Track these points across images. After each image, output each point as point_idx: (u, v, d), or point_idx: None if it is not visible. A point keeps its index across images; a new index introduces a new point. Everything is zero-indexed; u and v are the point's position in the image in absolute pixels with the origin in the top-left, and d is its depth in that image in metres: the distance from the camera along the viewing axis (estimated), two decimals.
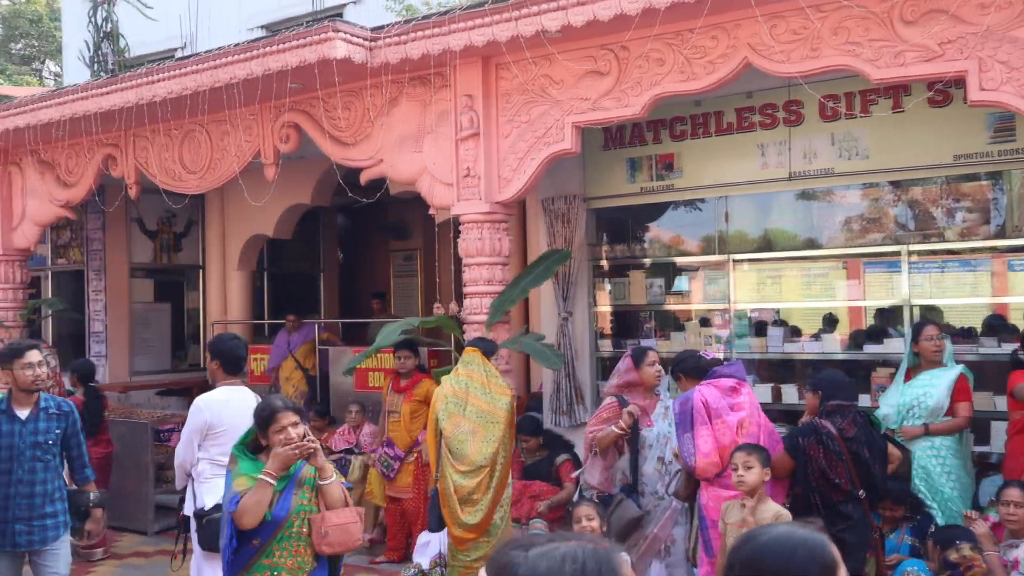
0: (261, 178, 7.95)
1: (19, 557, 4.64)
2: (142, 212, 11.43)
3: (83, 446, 4.93)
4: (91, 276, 11.41)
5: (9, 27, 29.41)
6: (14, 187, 9.87)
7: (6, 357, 4.69)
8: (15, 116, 8.69)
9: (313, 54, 6.55)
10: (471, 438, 5.46)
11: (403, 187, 7.96)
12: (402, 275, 13.78)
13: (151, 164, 8.56)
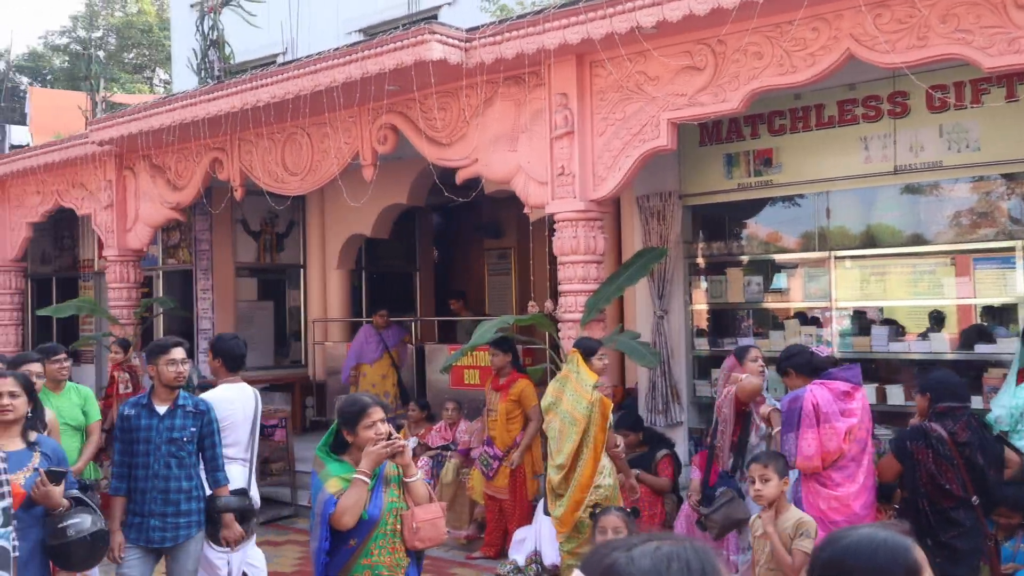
0: (359, 179, 8.12)
1: (153, 554, 4.71)
2: (246, 213, 11.82)
3: (217, 447, 4.86)
4: (199, 275, 11.85)
5: (122, 38, 30.81)
6: (128, 191, 10.33)
7: (152, 353, 4.81)
8: (129, 123, 9.09)
9: (410, 56, 6.66)
10: (559, 436, 5.66)
11: (498, 186, 8.02)
12: (496, 273, 13.87)
13: (255, 167, 8.83)
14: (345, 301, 12.05)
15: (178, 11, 15.54)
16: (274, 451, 8.80)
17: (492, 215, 13.20)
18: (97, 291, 12.80)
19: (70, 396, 5.99)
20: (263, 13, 11.77)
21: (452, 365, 7.97)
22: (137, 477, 4.64)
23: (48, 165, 10.96)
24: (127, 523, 4.67)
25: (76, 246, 13.68)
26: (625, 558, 1.37)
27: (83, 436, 5.99)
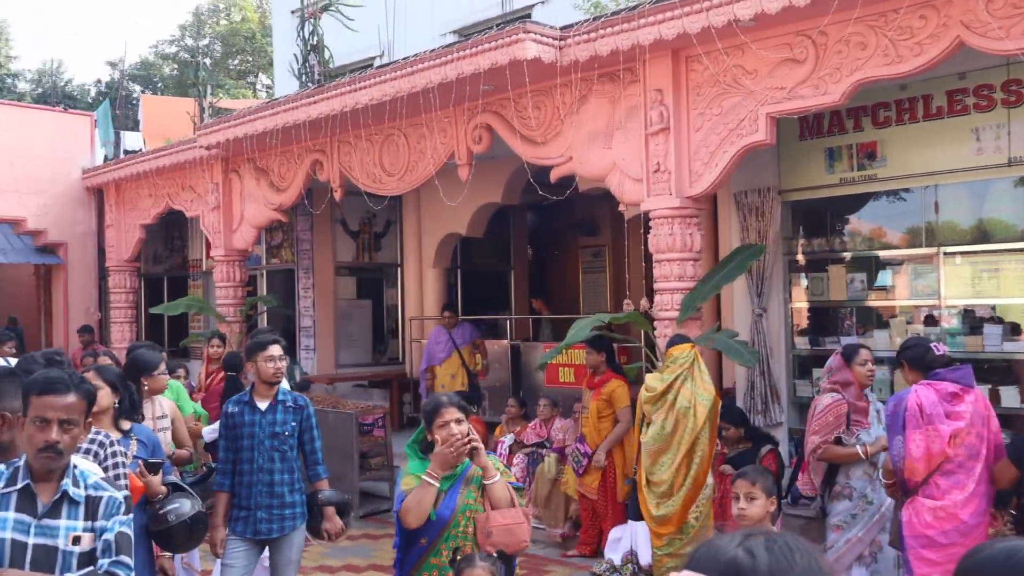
0: (455, 178, 8.21)
1: (259, 545, 4.84)
2: (345, 214, 12.09)
3: (316, 442, 4.96)
4: (300, 274, 12.18)
5: (227, 45, 31.88)
6: (234, 193, 10.69)
7: (251, 350, 4.96)
8: (234, 127, 9.41)
9: (504, 56, 6.70)
10: (673, 429, 5.62)
11: (592, 184, 7.99)
12: (590, 271, 13.83)
13: (354, 168, 9.03)
14: (441, 299, 12.21)
15: (280, 18, 15.98)
16: (373, 447, 8.98)
17: (586, 213, 13.16)
18: (205, 290, 13.29)
19: (166, 391, 6.17)
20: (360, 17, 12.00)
21: (547, 363, 7.98)
22: (242, 472, 4.79)
23: (159, 169, 11.45)
24: (233, 516, 4.82)
25: (185, 247, 14.23)
26: (744, 552, 1.33)
27: None
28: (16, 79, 31.02)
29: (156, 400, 5.35)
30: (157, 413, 5.30)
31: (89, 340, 12.02)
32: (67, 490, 2.69)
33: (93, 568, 2.64)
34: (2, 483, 2.65)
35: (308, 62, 11.50)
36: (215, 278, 11.01)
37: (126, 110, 21.96)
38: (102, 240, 13.46)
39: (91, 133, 14.06)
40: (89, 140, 13.98)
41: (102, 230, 13.44)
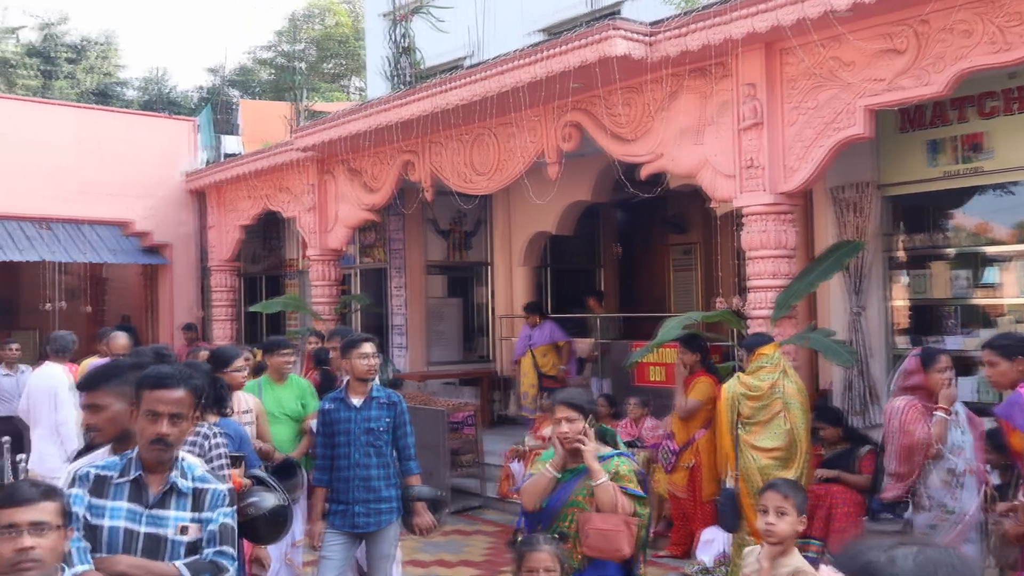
0: (544, 177, 8.23)
1: (356, 539, 4.96)
2: (436, 213, 12.24)
3: (409, 437, 5.05)
4: (392, 273, 12.38)
5: (321, 49, 32.61)
6: (328, 194, 10.94)
7: (345, 348, 5.09)
8: (328, 129, 9.63)
9: (593, 53, 6.68)
10: (789, 429, 5.63)
11: (683, 181, 7.90)
12: (681, 269, 13.65)
13: (444, 168, 9.13)
14: (530, 297, 12.23)
15: (372, 21, 16.26)
16: (463, 444, 9.07)
17: (677, 210, 13.00)
18: (301, 288, 13.63)
19: (291, 388, 6.29)
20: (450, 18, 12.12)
21: (637, 362, 7.92)
22: (339, 467, 4.90)
23: (257, 172, 11.80)
24: (331, 511, 4.94)
25: (282, 247, 14.63)
26: (886, 558, 1.31)
27: (298, 427, 6.27)
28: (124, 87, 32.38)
29: (240, 396, 5.48)
30: (241, 408, 5.44)
31: (192, 337, 12.47)
32: (175, 481, 2.80)
33: (199, 557, 2.75)
34: (116, 473, 2.78)
35: (399, 64, 11.67)
36: (310, 277, 11.29)
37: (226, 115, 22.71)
38: (204, 241, 13.95)
39: (193, 138, 14.59)
40: (192, 144, 14.50)
41: (204, 231, 13.93)
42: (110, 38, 31.27)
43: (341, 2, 33.07)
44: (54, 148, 12.90)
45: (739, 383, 5.92)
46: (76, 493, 2.72)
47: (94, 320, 15.79)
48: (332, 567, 4.85)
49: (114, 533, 2.72)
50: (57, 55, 29.23)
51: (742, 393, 5.85)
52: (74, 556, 2.59)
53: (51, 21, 30.12)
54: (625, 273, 13.99)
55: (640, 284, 14.01)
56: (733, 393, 5.93)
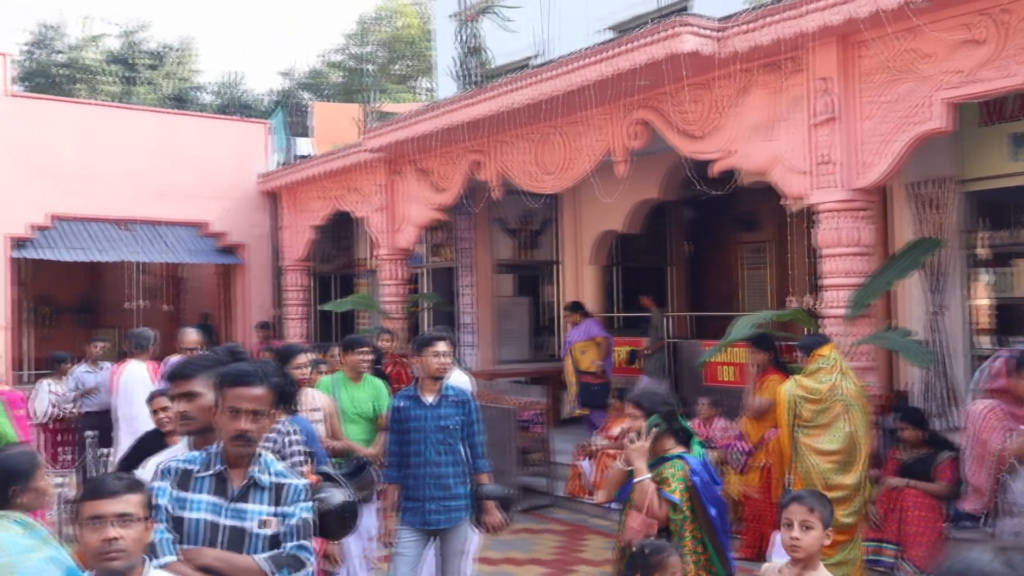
0: (612, 175, 8.19)
1: (427, 536, 5.00)
2: (504, 212, 12.28)
3: (480, 435, 5.07)
4: (460, 272, 12.46)
5: (390, 51, 33.00)
6: (397, 194, 11.06)
7: (419, 346, 5.11)
8: (397, 130, 9.74)
9: (661, 50, 6.63)
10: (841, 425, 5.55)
11: (754, 178, 7.78)
12: (752, 267, 13.45)
13: (512, 167, 9.16)
14: (598, 296, 12.20)
15: (440, 22, 16.39)
16: (532, 442, 9.09)
17: (747, 207, 12.81)
18: (371, 287, 13.81)
19: (366, 387, 6.32)
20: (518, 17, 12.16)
21: (707, 361, 7.84)
22: (412, 464, 4.95)
23: (328, 173, 12.00)
24: (403, 507, 5.00)
25: (352, 246, 14.85)
26: (1002, 565, 1.26)
27: (373, 425, 6.29)
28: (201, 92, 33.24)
29: (310, 393, 5.54)
30: (311, 405, 5.50)
31: (266, 336, 12.74)
32: (255, 476, 2.88)
33: (279, 550, 2.81)
34: (199, 467, 2.87)
35: (467, 64, 11.75)
36: (380, 276, 11.44)
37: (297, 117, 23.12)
38: (277, 241, 14.24)
39: (266, 140, 14.90)
40: (265, 147, 14.81)
41: (277, 231, 14.22)
42: (187, 44, 32.13)
43: (410, 4, 33.41)
44: (134, 152, 13.31)
45: (797, 386, 5.80)
46: (161, 486, 2.81)
47: (173, 319, 16.26)
48: (406, 563, 4.90)
49: (197, 525, 2.80)
50: (137, 62, 30.14)
51: (801, 396, 5.73)
52: (159, 547, 2.68)
53: (132, 29, 31.08)
54: (695, 271, 13.84)
55: (710, 282, 13.85)
56: (791, 396, 5.80)
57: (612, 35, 11.69)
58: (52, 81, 28.89)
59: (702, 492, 3.78)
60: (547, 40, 13.09)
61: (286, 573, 2.77)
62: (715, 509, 3.79)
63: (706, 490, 3.79)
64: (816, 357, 5.78)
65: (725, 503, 3.88)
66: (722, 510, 3.82)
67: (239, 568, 2.74)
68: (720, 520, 3.79)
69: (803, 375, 5.84)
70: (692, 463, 3.83)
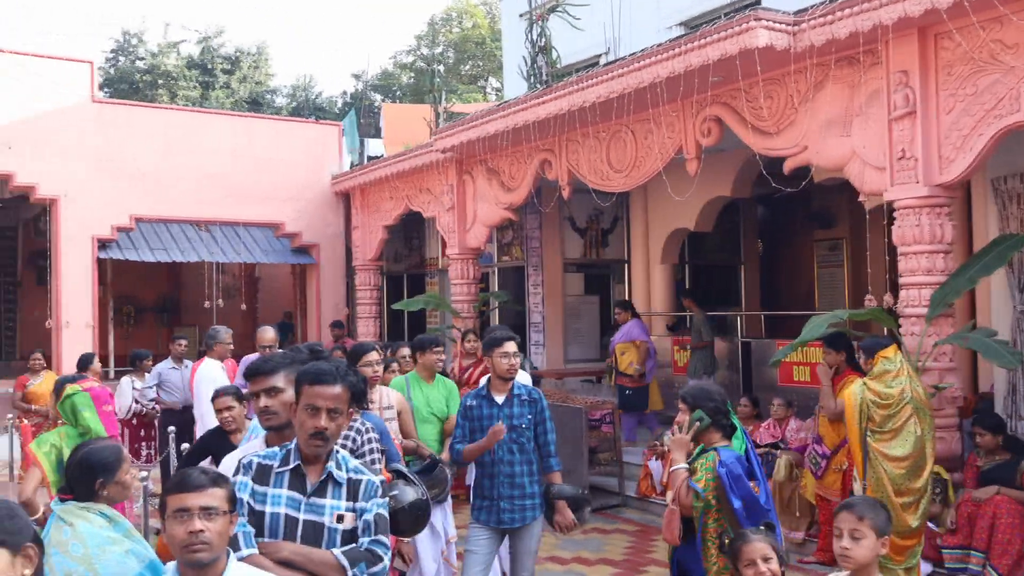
0: (682, 173, 8.11)
1: (500, 534, 5.01)
2: (573, 211, 12.26)
3: (549, 434, 5.06)
4: (530, 271, 12.49)
5: (459, 51, 33.24)
6: (467, 194, 11.13)
7: (488, 346, 5.14)
8: (467, 130, 9.80)
9: (734, 46, 6.54)
10: (912, 429, 5.45)
11: (829, 174, 7.63)
12: (826, 265, 13.19)
13: (581, 166, 9.14)
14: (669, 295, 12.10)
15: (508, 21, 16.43)
16: (602, 442, 9.06)
17: (822, 204, 12.57)
18: (441, 287, 13.94)
19: (439, 387, 6.30)
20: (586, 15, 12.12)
21: (781, 361, 7.71)
22: (484, 463, 4.97)
23: (399, 173, 12.15)
24: (475, 506, 5.03)
25: (423, 246, 15.00)
26: None
27: (442, 425, 6.27)
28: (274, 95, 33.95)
29: (383, 391, 5.58)
30: (384, 403, 5.54)
31: (339, 334, 12.95)
32: (331, 472, 2.93)
33: (355, 545, 2.86)
34: (277, 462, 2.94)
35: (536, 63, 11.75)
36: (450, 276, 11.53)
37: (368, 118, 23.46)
38: (349, 241, 14.46)
39: (339, 141, 15.14)
40: (337, 148, 15.06)
41: (349, 231, 14.45)
42: (262, 49, 32.84)
43: (479, 4, 33.60)
44: (212, 155, 13.67)
45: (867, 390, 5.62)
46: (241, 480, 2.88)
47: (250, 318, 16.65)
48: (478, 561, 4.92)
49: (276, 519, 2.86)
50: (214, 67, 30.92)
51: (872, 400, 5.57)
52: (240, 540, 2.74)
53: (209, 35, 31.90)
54: (767, 269, 13.64)
55: (783, 281, 13.63)
56: (862, 400, 5.62)
57: (683, 31, 11.58)
58: (134, 87, 29.83)
59: (727, 483, 3.80)
60: (616, 37, 13.03)
61: (362, 567, 2.81)
62: (740, 501, 3.78)
63: (735, 482, 3.81)
64: (880, 359, 5.65)
65: (755, 498, 3.82)
66: (752, 504, 3.79)
67: (317, 562, 2.80)
68: (747, 512, 3.77)
69: (869, 378, 5.71)
70: (723, 455, 3.88)
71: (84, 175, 12.60)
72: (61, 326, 12.41)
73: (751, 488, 3.89)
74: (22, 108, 12.18)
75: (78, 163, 12.58)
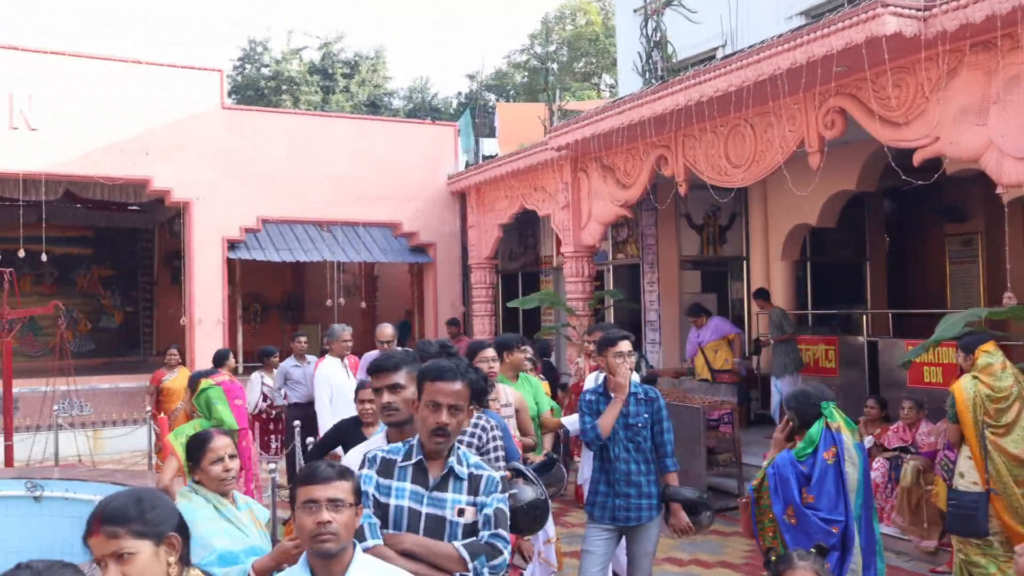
0: (804, 167, 7.87)
1: (615, 532, 4.97)
2: (690, 208, 12.07)
3: (667, 434, 4.99)
4: (645, 269, 12.36)
5: (572, 49, 33.20)
6: (582, 191, 11.11)
7: (601, 345, 5.11)
8: (582, 128, 9.78)
9: (860, 34, 6.30)
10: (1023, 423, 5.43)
11: (962, 165, 7.27)
12: (959, 261, 12.56)
13: (699, 161, 8.98)
14: (789, 293, 11.77)
15: (622, 17, 16.31)
16: (720, 442, 8.88)
17: (954, 197, 11.99)
18: (555, 285, 13.95)
19: (523, 386, 6.26)
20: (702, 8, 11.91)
21: (911, 361, 7.39)
22: (601, 458, 4.95)
23: (514, 172, 12.22)
24: (592, 503, 5.01)
25: (537, 244, 15.05)
26: None
27: (537, 423, 6.31)
28: (391, 97, 34.72)
29: (501, 388, 5.58)
30: (502, 401, 5.55)
31: (455, 332, 13.13)
32: (453, 467, 2.98)
33: (476, 539, 2.90)
34: (400, 457, 3.01)
35: (651, 58, 11.62)
36: (565, 273, 11.52)
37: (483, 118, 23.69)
38: (465, 239, 14.65)
39: (454, 142, 15.36)
40: (453, 148, 15.28)
41: (464, 230, 14.64)
42: (379, 52, 33.67)
43: (592, 1, 33.47)
44: (333, 157, 14.08)
45: (980, 383, 5.61)
46: (366, 474, 2.96)
47: (369, 315, 17.08)
48: (595, 561, 4.89)
49: (400, 512, 2.93)
50: (334, 71, 31.86)
51: (986, 394, 5.57)
52: (366, 531, 2.82)
53: (329, 40, 32.88)
54: (895, 266, 13.10)
55: (912, 278, 13.07)
56: (976, 394, 5.61)
57: (804, 21, 11.25)
58: (260, 93, 31.04)
59: (771, 485, 4.02)
60: (734, 29, 12.76)
61: (483, 560, 2.85)
62: (782, 506, 3.95)
63: (780, 484, 3.99)
64: (981, 353, 5.68)
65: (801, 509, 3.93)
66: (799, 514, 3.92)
67: (438, 554, 2.85)
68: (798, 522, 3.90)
69: (977, 372, 5.69)
70: (778, 458, 4.09)
71: (215, 179, 13.19)
72: (194, 323, 13.02)
73: (796, 496, 3.91)
74: (158, 116, 12.84)
75: (209, 167, 13.18)
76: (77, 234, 17.26)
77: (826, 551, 3.50)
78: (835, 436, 4.01)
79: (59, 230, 15.65)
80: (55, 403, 10.89)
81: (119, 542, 2.13)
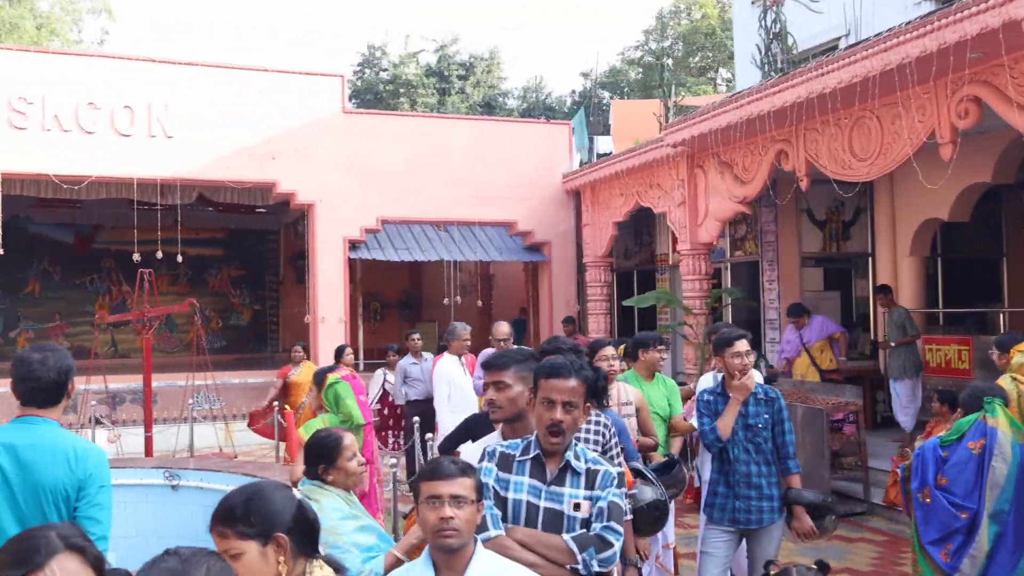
0: (935, 159, 7.53)
1: (735, 535, 4.89)
2: (811, 203, 11.73)
3: (788, 435, 4.89)
4: (764, 266, 12.07)
5: (687, 44, 32.72)
6: (698, 188, 10.94)
7: (718, 345, 5.01)
8: (699, 123, 9.63)
9: (996, 18, 5.99)
10: None
11: None
12: None
13: (821, 155, 8.71)
14: (918, 290, 11.28)
15: (740, 9, 15.98)
16: (845, 445, 8.60)
17: None
18: (671, 283, 13.79)
19: (658, 386, 6.20)
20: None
21: None
22: (720, 459, 4.88)
23: (628, 169, 12.13)
24: (711, 504, 4.93)
25: (653, 242, 14.90)
26: None
27: (667, 425, 6.18)
28: (506, 97, 35.00)
29: (621, 387, 5.52)
30: (622, 400, 5.49)
31: (571, 330, 13.13)
32: (570, 461, 3.00)
33: (586, 531, 2.92)
34: (518, 452, 3.05)
35: (770, 51, 11.35)
36: (681, 271, 11.37)
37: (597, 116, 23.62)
38: (579, 238, 14.64)
39: (568, 140, 15.37)
40: (567, 147, 15.29)
41: (579, 229, 14.63)
42: (494, 53, 33.96)
43: None
44: (450, 157, 14.31)
45: (1019, 383, 5.65)
46: (486, 467, 3.02)
47: (484, 313, 17.28)
48: (715, 563, 4.82)
49: (518, 505, 2.97)
50: (450, 73, 32.35)
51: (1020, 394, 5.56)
52: (488, 521, 2.87)
53: (445, 43, 33.40)
54: None
55: None
56: (1019, 394, 5.61)
57: (932, 7, 10.76)
58: (378, 97, 31.80)
59: (914, 465, 4.53)
60: (857, 18, 12.33)
61: (592, 552, 2.86)
62: (918, 483, 4.42)
63: (921, 466, 4.46)
64: (1016, 353, 5.74)
65: (932, 486, 4.32)
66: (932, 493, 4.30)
67: (547, 545, 2.87)
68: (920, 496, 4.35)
69: (1013, 372, 5.72)
70: (926, 443, 4.53)
71: (336, 181, 13.60)
72: (317, 321, 13.46)
73: (931, 478, 4.26)
74: (283, 121, 13.34)
75: (331, 170, 13.60)
76: (209, 236, 18.12)
77: (828, 568, 3.37)
78: (987, 430, 4.12)
79: (193, 232, 16.47)
80: (190, 397, 11.46)
81: (228, 542, 2.19)
